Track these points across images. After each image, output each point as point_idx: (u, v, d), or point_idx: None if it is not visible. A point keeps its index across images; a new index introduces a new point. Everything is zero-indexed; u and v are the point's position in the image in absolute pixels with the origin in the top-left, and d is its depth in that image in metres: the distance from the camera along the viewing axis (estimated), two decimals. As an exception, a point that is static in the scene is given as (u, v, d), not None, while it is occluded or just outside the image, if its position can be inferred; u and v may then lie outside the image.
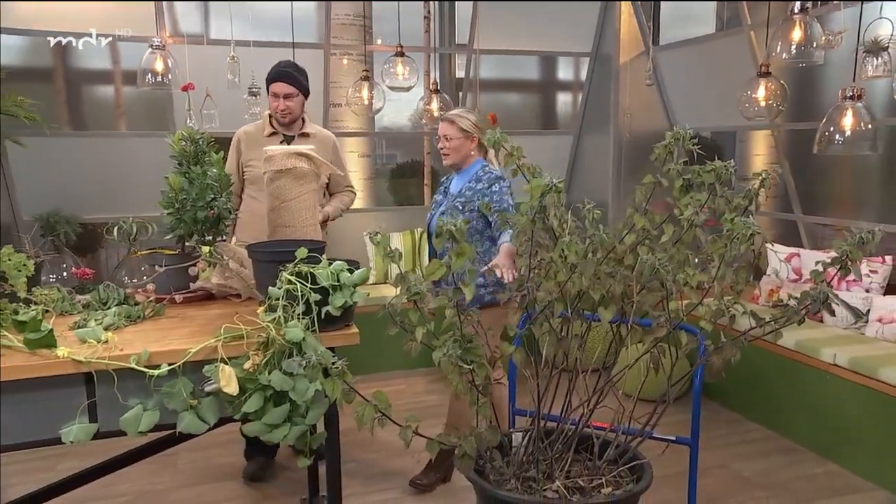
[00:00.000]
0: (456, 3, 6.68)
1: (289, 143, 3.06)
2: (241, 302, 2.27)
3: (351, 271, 1.87)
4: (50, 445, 1.75)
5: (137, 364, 1.71)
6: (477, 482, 1.83)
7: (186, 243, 2.25)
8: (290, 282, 1.80)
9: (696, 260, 1.95)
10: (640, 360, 1.87)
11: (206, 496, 3.01)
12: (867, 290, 3.65)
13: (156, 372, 1.71)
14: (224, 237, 2.26)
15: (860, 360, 3.13)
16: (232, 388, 1.72)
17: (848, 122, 3.09)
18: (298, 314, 1.80)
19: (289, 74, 3.06)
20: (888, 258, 3.65)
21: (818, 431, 3.35)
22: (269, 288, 1.82)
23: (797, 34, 3.22)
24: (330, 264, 1.86)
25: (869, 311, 3.54)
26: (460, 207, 2.80)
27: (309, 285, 1.81)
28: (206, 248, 2.22)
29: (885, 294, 3.61)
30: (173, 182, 2.06)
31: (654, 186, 2.01)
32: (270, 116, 3.14)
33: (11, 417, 1.71)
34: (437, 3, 6.43)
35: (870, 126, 3.07)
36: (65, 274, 3.38)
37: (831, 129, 3.15)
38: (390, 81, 4.36)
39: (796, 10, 3.22)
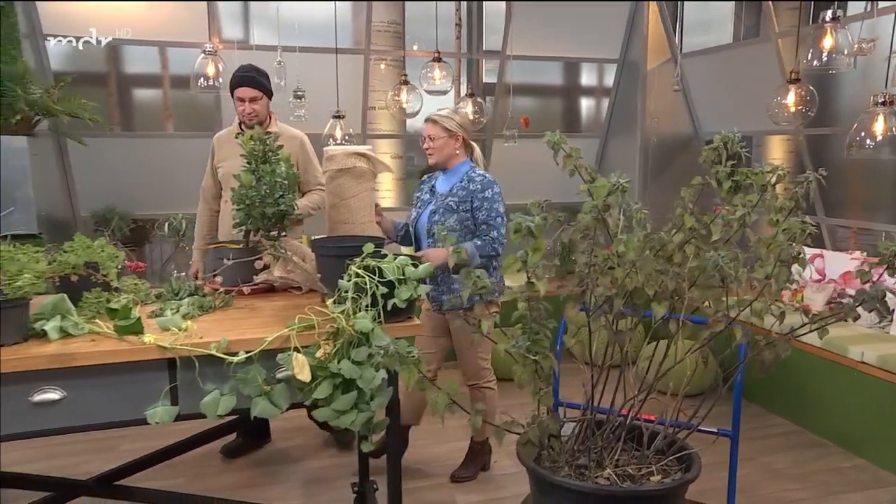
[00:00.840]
0: (484, 12, 6.70)
1: None
2: (301, 294, 2.29)
3: (415, 266, 1.89)
4: (136, 425, 1.78)
5: (217, 351, 1.73)
6: (534, 469, 1.84)
7: (252, 237, 2.27)
8: (358, 275, 1.82)
9: (744, 258, 1.96)
10: (680, 355, 1.88)
11: (255, 479, 3.05)
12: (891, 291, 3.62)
13: (234, 359, 1.74)
14: (286, 233, 2.29)
15: (889, 357, 3.11)
16: (305, 376, 1.74)
17: (879, 127, 3.06)
18: (366, 306, 1.82)
19: (251, 79, 3.01)
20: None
21: (846, 426, 3.33)
22: (340, 281, 1.84)
23: (828, 42, 3.20)
24: (395, 259, 1.88)
25: (894, 310, 3.51)
26: (454, 207, 2.77)
27: (376, 279, 1.82)
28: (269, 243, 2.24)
29: (910, 294, 3.58)
30: (244, 180, 2.08)
31: (702, 188, 2.02)
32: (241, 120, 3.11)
33: (99, 398, 1.74)
34: (466, 9, 6.45)
35: (899, 131, 3.05)
36: (119, 267, 3.44)
37: (862, 133, 3.12)
38: (427, 85, 4.38)
39: (828, 19, 3.20)
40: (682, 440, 2.01)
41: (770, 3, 4.39)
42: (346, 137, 4.20)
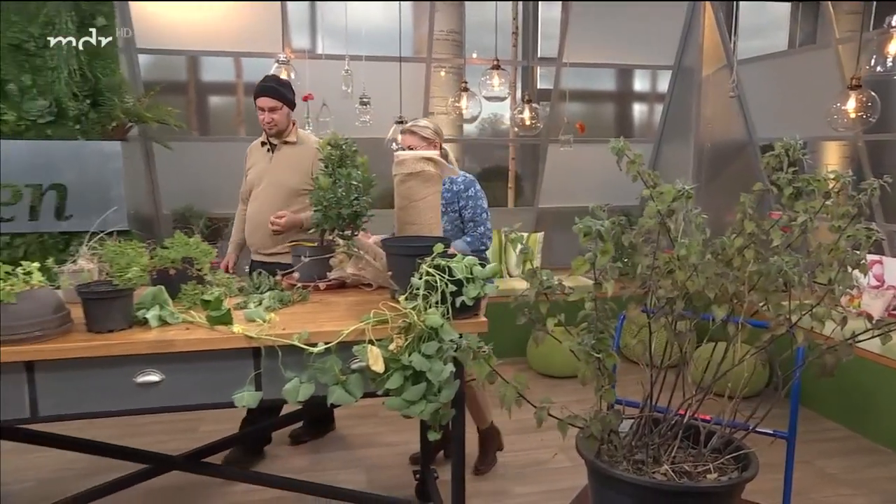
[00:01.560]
0: (539, 20, 6.70)
1: (272, 151, 3.12)
2: (372, 290, 2.36)
3: (482, 266, 1.93)
4: (224, 408, 1.88)
5: (299, 342, 1.81)
6: (594, 462, 1.86)
7: (326, 236, 2.36)
8: (429, 273, 1.88)
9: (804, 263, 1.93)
10: (737, 357, 1.87)
11: (321, 464, 3.14)
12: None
13: (314, 349, 1.82)
14: (358, 232, 2.36)
15: (950, 366, 3.00)
16: (379, 367, 1.81)
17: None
18: (436, 302, 1.88)
19: (272, 89, 3.04)
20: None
21: (904, 434, 3.22)
22: (412, 279, 1.89)
23: (893, 47, 3.11)
24: (463, 259, 1.92)
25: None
26: (443, 209, 2.83)
27: (446, 277, 1.87)
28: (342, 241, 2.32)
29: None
30: (321, 183, 2.16)
31: (762, 193, 2.00)
32: None
33: (193, 382, 1.85)
34: (522, 17, 6.46)
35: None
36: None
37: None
38: (486, 92, 4.42)
39: (893, 23, 3.11)
40: (738, 440, 2.00)
41: (830, 8, 4.26)
42: (409, 142, 4.27)
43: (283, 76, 4.00)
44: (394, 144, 4.27)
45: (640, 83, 6.08)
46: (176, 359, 1.82)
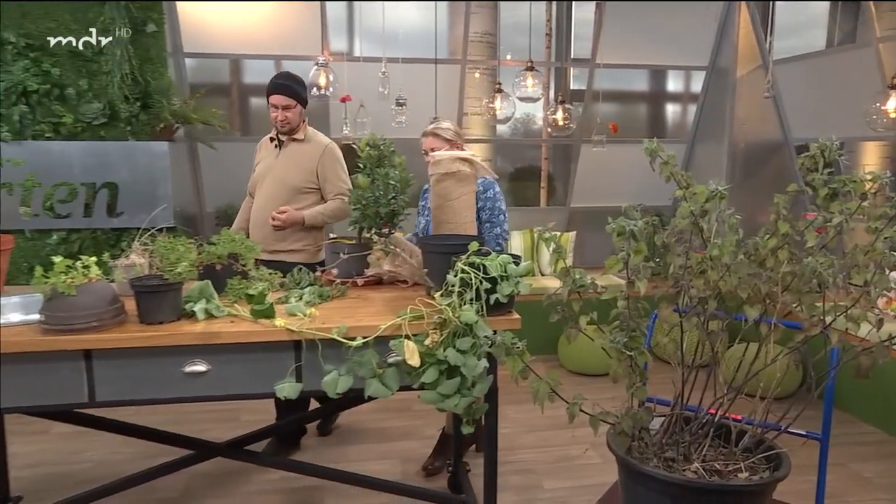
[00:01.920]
0: (573, 21, 6.66)
1: (280, 148, 3.08)
2: (408, 287, 2.40)
3: (516, 264, 1.95)
4: (265, 398, 1.93)
5: (338, 335, 1.85)
6: (624, 458, 1.86)
7: (364, 234, 2.40)
8: (464, 271, 1.90)
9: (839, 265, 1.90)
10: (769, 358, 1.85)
11: (356, 454, 3.19)
12: None
13: (353, 343, 1.85)
14: (395, 231, 2.39)
15: None
16: (415, 361, 1.84)
17: None
18: (470, 299, 1.90)
19: (286, 87, 2.99)
20: None
21: (941, 439, 3.13)
22: (448, 276, 1.92)
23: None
24: (497, 257, 1.94)
25: None
26: None
27: (480, 275, 1.89)
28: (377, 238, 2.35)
29: None
30: (360, 182, 2.20)
31: (797, 194, 1.97)
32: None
33: (237, 372, 1.90)
34: (556, 19, 6.43)
35: None
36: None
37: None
38: (520, 93, 4.42)
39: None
40: (770, 440, 1.98)
41: (872, 6, 4.15)
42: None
43: (322, 79, 4.07)
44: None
45: (673, 83, 6.01)
46: (221, 350, 1.88)
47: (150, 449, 2.94)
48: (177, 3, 4.33)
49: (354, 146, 2.35)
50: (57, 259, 1.83)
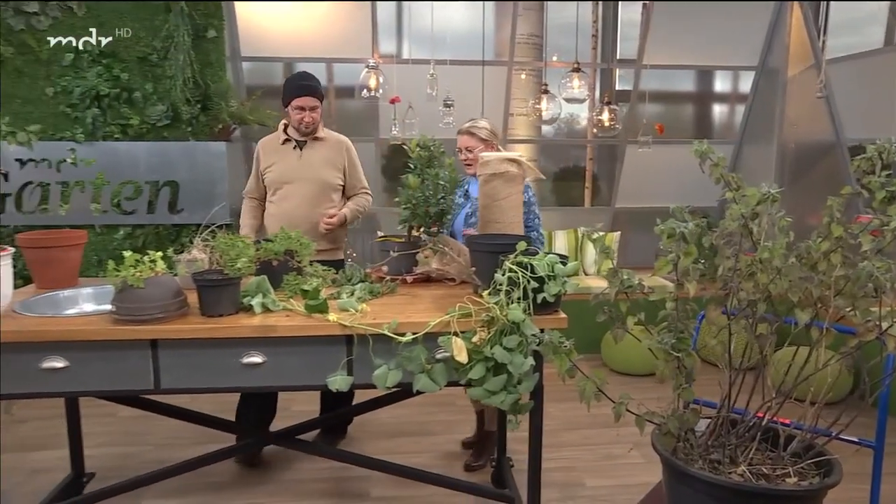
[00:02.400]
0: (619, 22, 6.55)
1: (301, 149, 2.95)
2: (455, 285, 2.41)
3: (563, 264, 1.93)
4: (317, 390, 1.97)
5: (389, 331, 1.88)
6: (670, 459, 1.83)
7: (413, 233, 2.42)
8: (512, 270, 1.90)
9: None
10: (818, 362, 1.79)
11: (400, 447, 3.21)
12: None
13: (402, 339, 1.88)
14: (444, 230, 2.41)
15: None
16: (462, 358, 1.85)
17: None
18: (518, 298, 1.90)
19: (313, 88, 2.87)
20: None
21: None
22: (496, 275, 1.92)
23: None
24: (545, 257, 1.93)
25: None
26: None
27: (528, 274, 1.89)
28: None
29: None
30: (410, 182, 2.22)
31: (851, 197, 1.90)
32: (285, 126, 2.99)
33: (292, 364, 1.95)
34: (602, 20, 6.34)
35: None
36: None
37: None
38: (566, 94, 4.38)
39: None
40: (820, 446, 1.92)
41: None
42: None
43: (372, 81, 4.11)
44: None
45: (720, 84, 5.85)
46: (277, 343, 1.93)
47: (204, 435, 3.04)
48: (236, 9, 4.44)
49: (405, 146, 2.37)
50: (127, 253, 1.91)
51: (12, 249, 1.97)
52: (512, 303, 1.89)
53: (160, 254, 1.96)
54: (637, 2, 5.08)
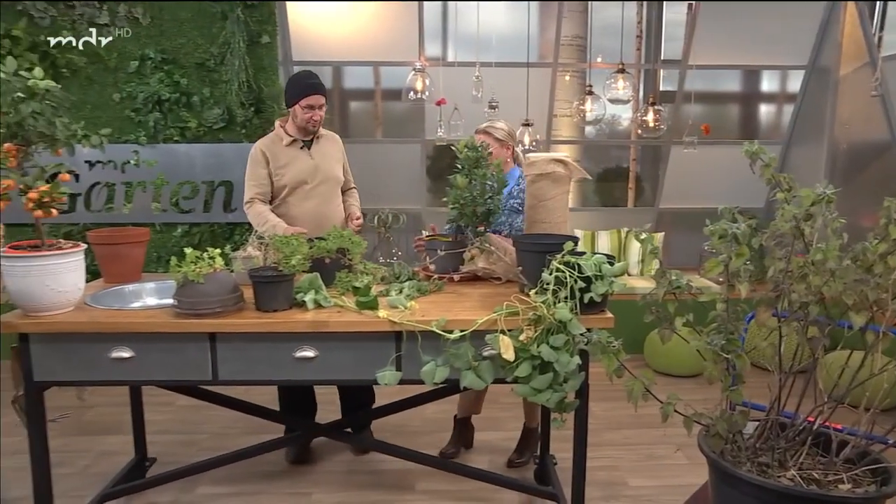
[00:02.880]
0: (664, 22, 6.42)
1: (309, 148, 2.90)
2: (501, 284, 2.40)
3: (610, 264, 1.91)
4: (367, 385, 1.99)
5: (437, 328, 1.89)
6: (717, 461, 1.79)
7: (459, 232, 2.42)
8: (559, 269, 1.89)
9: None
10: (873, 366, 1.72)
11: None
12: None
13: (451, 336, 1.88)
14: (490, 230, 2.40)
15: None
16: (510, 355, 1.84)
17: None
18: (565, 297, 1.88)
19: (321, 86, 2.81)
20: None
21: None
22: (543, 274, 1.91)
23: None
24: (592, 257, 1.91)
25: None
26: (518, 208, 2.73)
27: (576, 273, 1.87)
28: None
29: None
30: (458, 182, 2.23)
31: (911, 198, 1.82)
32: (283, 127, 2.92)
33: (343, 359, 1.98)
34: (646, 20, 6.23)
35: None
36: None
37: None
38: (611, 94, 4.32)
39: None
40: (876, 453, 1.84)
41: None
42: (534, 143, 4.28)
43: (419, 83, 4.13)
44: (520, 146, 4.29)
45: (766, 84, 5.67)
46: (329, 338, 1.96)
47: (253, 424, 3.11)
48: (288, 16, 4.53)
49: (452, 147, 2.38)
50: (188, 250, 1.97)
51: (85, 246, 2.05)
52: (559, 302, 1.87)
53: (218, 251, 2.02)
54: (683, 2, 4.97)
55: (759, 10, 4.63)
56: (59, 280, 1.96)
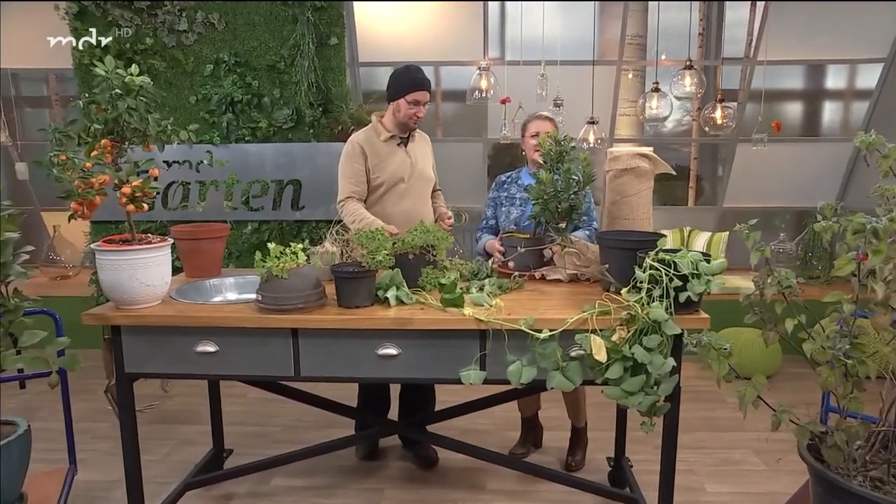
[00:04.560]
0: (725, 21, 6.12)
1: (406, 145, 2.74)
2: (581, 282, 2.27)
3: (707, 261, 1.76)
4: (449, 384, 1.89)
5: (526, 327, 1.77)
6: (825, 473, 1.62)
7: (539, 228, 2.30)
8: (653, 267, 1.75)
9: None
10: None
11: (513, 436, 3.11)
12: None
13: (540, 335, 1.77)
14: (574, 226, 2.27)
15: None
16: (602, 356, 1.72)
17: None
18: (659, 296, 1.74)
19: (429, 82, 2.66)
20: None
21: None
22: (637, 272, 1.78)
23: None
24: (688, 254, 1.77)
25: None
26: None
27: (671, 272, 1.73)
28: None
29: None
30: (543, 177, 2.11)
31: None
32: (381, 121, 2.76)
33: (426, 357, 1.88)
34: (708, 18, 5.95)
35: None
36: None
37: None
38: (677, 91, 4.11)
39: None
40: None
41: None
42: (598, 141, 4.12)
43: (483, 82, 4.02)
44: (584, 144, 4.13)
45: (833, 79, 5.32)
46: (412, 335, 1.87)
47: (324, 418, 3.06)
48: (355, 17, 4.49)
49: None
50: (271, 245, 1.91)
51: (171, 240, 2.02)
52: (653, 301, 1.73)
53: (300, 246, 1.95)
54: (747, 1, 4.71)
55: (834, 5, 4.34)
56: (147, 274, 1.93)
